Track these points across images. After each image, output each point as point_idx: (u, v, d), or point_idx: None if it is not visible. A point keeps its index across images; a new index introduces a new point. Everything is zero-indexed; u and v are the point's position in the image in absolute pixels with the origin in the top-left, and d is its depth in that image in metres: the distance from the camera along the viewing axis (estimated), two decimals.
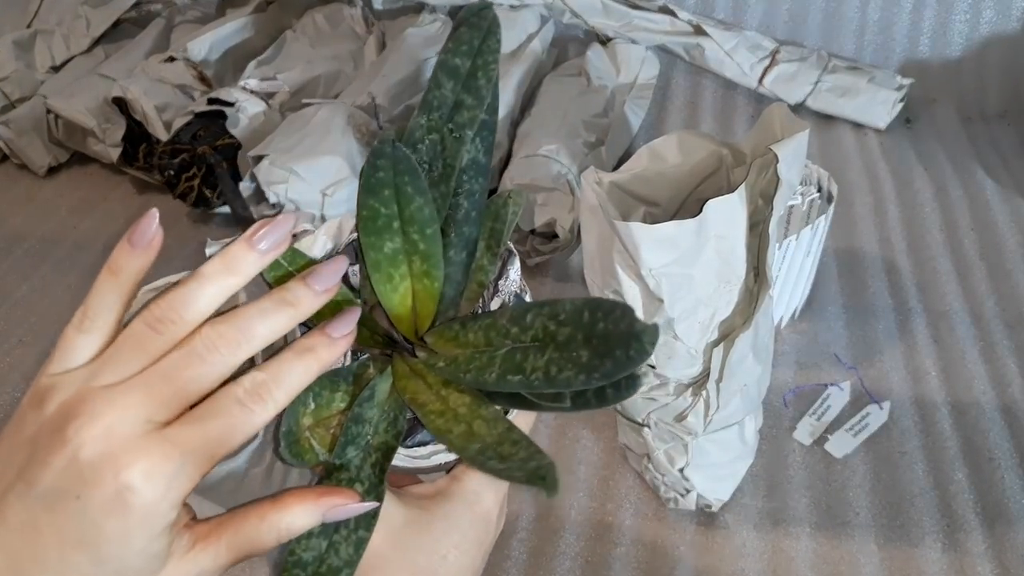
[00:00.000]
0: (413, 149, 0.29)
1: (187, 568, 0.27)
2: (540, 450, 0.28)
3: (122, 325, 0.28)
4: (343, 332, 0.29)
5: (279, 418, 0.30)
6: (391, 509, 0.33)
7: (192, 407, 0.27)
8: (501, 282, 0.34)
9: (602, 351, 0.26)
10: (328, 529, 0.30)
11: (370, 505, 0.30)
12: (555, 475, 0.27)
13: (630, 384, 0.28)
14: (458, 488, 0.34)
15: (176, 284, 0.27)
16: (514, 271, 0.35)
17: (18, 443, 0.26)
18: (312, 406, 0.31)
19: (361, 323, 0.32)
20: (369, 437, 0.31)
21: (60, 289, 0.91)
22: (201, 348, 0.26)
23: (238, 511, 0.29)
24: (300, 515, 0.29)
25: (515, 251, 0.35)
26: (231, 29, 1.13)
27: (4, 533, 0.25)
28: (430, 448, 0.34)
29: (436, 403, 0.31)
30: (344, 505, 0.29)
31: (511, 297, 0.34)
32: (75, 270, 0.94)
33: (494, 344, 0.30)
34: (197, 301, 0.27)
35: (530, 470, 0.28)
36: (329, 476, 0.31)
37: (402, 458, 0.34)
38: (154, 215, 0.28)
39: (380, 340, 0.33)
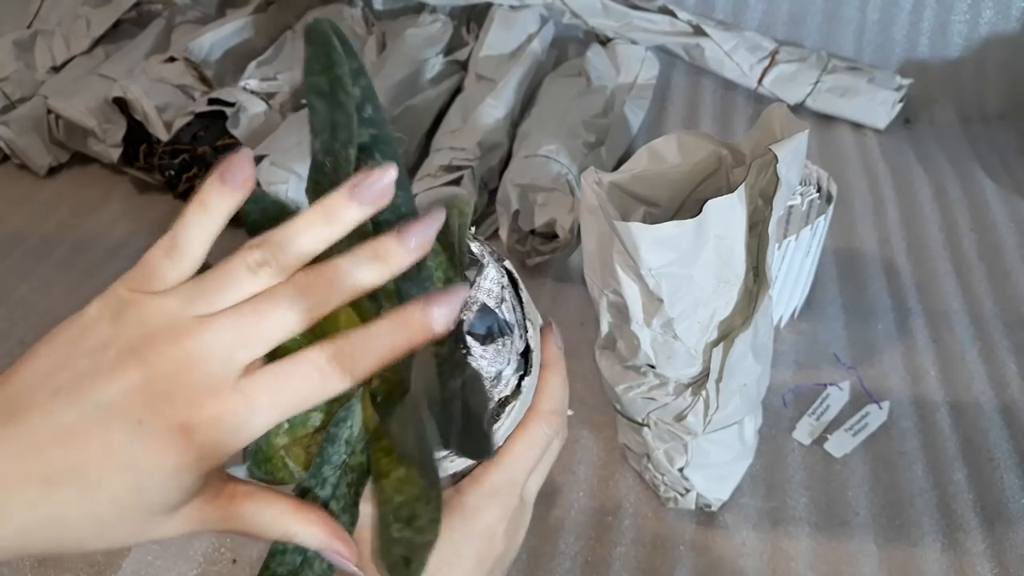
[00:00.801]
0: (322, 172, 0.29)
1: (203, 515, 0.27)
2: (437, 519, 0.28)
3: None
4: (447, 314, 0.27)
5: None
6: None
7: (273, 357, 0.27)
8: (471, 293, 0.33)
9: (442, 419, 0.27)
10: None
11: (359, 573, 0.30)
12: (421, 562, 0.27)
13: (483, 451, 0.28)
14: (458, 502, 0.33)
15: (275, 228, 0.27)
16: (487, 280, 0.34)
17: (82, 349, 0.25)
18: (286, 426, 0.31)
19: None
20: (345, 457, 0.31)
21: (60, 289, 0.91)
22: (292, 293, 0.26)
23: (268, 494, 0.29)
24: (312, 536, 0.29)
25: (484, 260, 0.34)
26: (231, 29, 1.13)
27: (42, 432, 0.24)
28: None
29: (387, 440, 0.31)
30: (341, 557, 0.29)
31: (478, 311, 0.33)
32: (75, 270, 0.94)
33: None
34: (296, 247, 0.27)
35: (405, 548, 0.28)
36: (304, 495, 0.30)
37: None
38: (248, 155, 0.27)
39: None
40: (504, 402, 0.33)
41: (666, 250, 0.47)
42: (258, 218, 0.30)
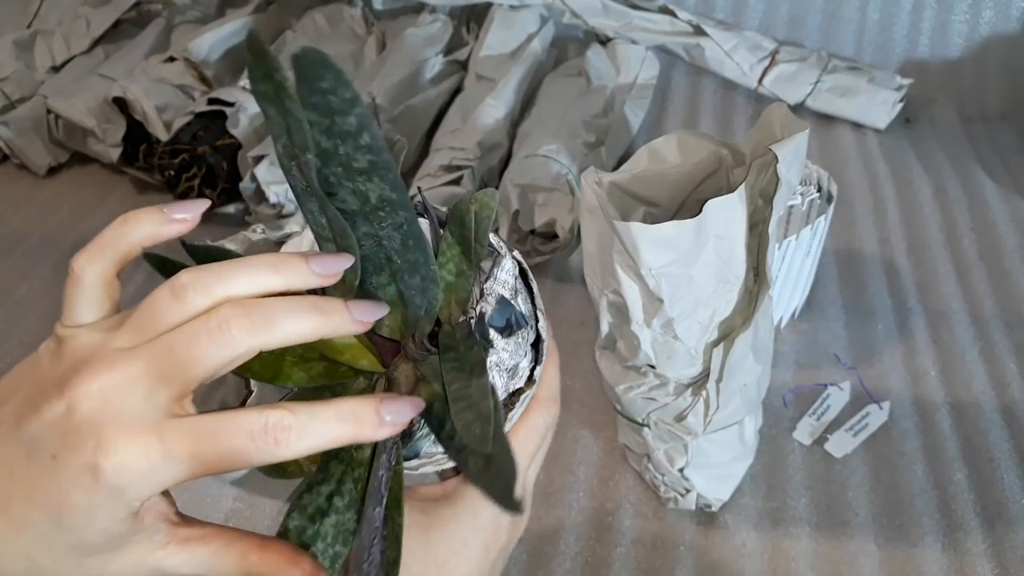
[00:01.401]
0: (291, 175, 0.29)
1: (150, 560, 0.26)
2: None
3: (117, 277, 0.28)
4: (396, 419, 0.27)
5: None
6: None
7: (218, 409, 0.26)
8: (488, 284, 0.33)
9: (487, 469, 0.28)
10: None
11: None
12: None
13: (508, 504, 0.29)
14: (463, 492, 0.33)
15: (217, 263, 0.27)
16: (504, 272, 0.34)
17: (27, 382, 0.26)
18: None
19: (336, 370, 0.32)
20: (353, 451, 0.31)
21: (60, 289, 0.90)
22: (214, 325, 0.25)
23: (227, 535, 0.27)
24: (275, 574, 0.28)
25: (502, 252, 0.34)
26: (231, 29, 1.13)
27: None
28: (417, 461, 0.33)
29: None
30: None
31: (496, 304, 0.33)
32: None
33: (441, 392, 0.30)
34: (230, 281, 0.26)
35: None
36: (310, 489, 0.30)
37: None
38: (202, 206, 0.28)
39: (353, 370, 0.33)
40: (518, 392, 0.34)
41: (666, 250, 0.47)
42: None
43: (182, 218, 0.28)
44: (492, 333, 0.33)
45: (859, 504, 0.66)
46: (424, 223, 0.34)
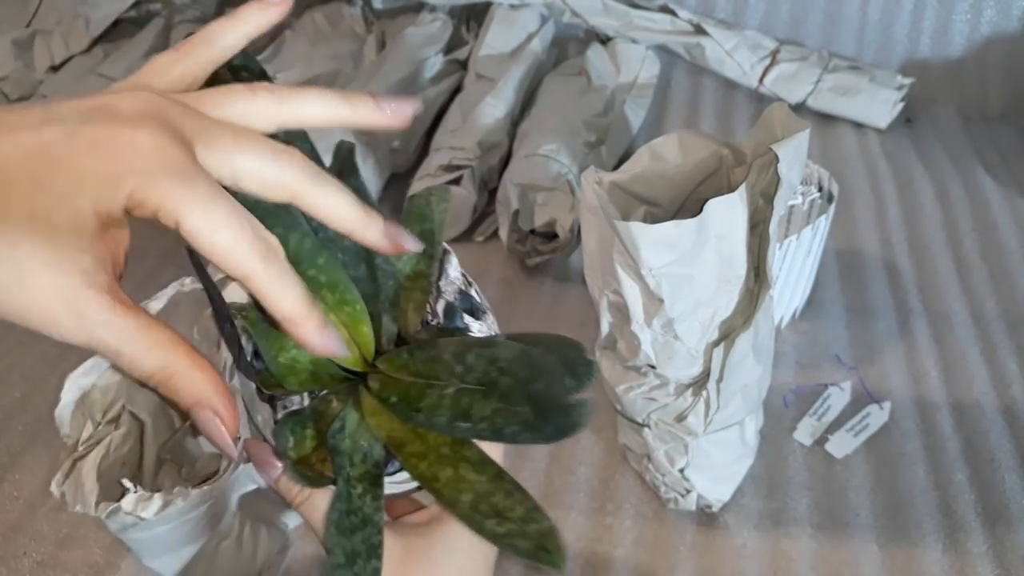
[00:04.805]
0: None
1: (81, 293, 0.24)
2: (536, 505, 0.27)
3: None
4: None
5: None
6: (389, 542, 0.32)
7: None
8: (442, 282, 0.33)
9: (543, 413, 0.26)
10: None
11: (232, 448, 0.26)
12: (559, 543, 0.26)
13: (572, 429, 0.27)
14: (440, 519, 0.33)
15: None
16: (452, 268, 0.34)
17: (94, 116, 0.25)
18: (291, 441, 0.30)
19: (303, 370, 0.31)
20: (348, 469, 0.31)
21: None
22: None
23: (157, 321, 0.25)
24: (192, 382, 0.25)
25: (449, 248, 0.35)
26: None
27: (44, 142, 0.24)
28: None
29: (416, 443, 0.30)
30: (218, 421, 0.25)
31: (456, 296, 0.33)
32: None
33: (441, 378, 0.29)
34: (301, 99, 0.29)
35: (533, 539, 0.26)
36: (333, 506, 0.30)
37: (386, 485, 0.33)
38: None
39: (334, 377, 0.32)
40: None
41: (667, 250, 0.47)
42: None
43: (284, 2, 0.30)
44: (466, 317, 0.32)
45: (860, 505, 0.65)
46: None
